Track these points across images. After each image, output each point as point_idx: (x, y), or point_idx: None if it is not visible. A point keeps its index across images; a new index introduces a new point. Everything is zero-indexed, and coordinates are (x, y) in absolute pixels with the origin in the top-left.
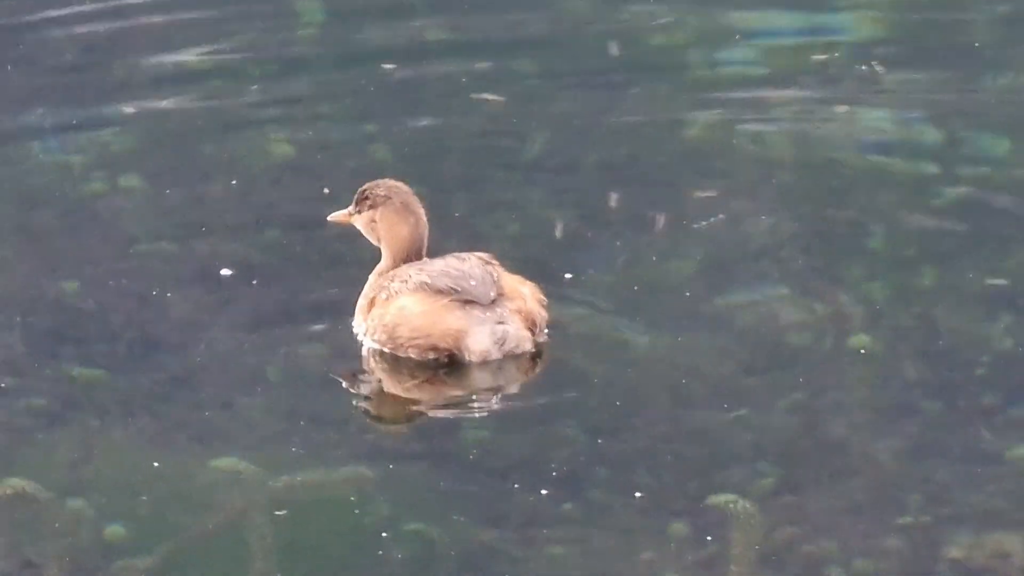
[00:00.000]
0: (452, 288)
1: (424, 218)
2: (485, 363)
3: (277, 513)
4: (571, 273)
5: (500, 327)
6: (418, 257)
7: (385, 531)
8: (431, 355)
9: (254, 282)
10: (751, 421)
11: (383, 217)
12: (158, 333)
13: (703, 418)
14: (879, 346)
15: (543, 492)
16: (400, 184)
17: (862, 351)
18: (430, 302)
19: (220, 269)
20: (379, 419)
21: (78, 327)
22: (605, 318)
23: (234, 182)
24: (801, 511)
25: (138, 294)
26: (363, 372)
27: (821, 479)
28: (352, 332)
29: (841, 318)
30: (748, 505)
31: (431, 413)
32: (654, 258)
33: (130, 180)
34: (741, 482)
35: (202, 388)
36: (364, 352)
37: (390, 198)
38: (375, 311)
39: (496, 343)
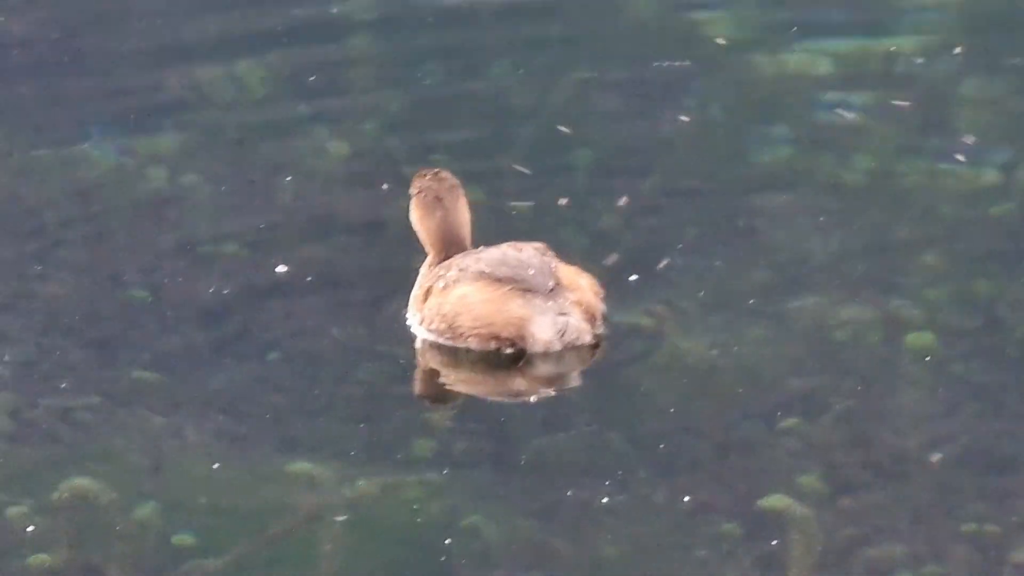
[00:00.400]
0: (511, 277)
1: (460, 212)
2: (545, 355)
3: (340, 518)
4: (636, 275)
5: (562, 318)
6: (460, 249)
7: (448, 535)
8: (492, 344)
9: (308, 279)
10: (810, 425)
11: (413, 209)
12: (217, 333)
13: (760, 421)
14: (939, 350)
15: (604, 500)
16: (444, 175)
17: (927, 358)
18: (491, 290)
19: (276, 267)
20: (438, 418)
21: (138, 328)
22: (666, 321)
23: (288, 179)
24: (860, 515)
25: (197, 293)
26: (420, 368)
27: (881, 483)
28: (406, 324)
29: (901, 323)
30: (805, 508)
31: (489, 411)
32: (718, 263)
33: (187, 180)
34: (798, 484)
35: (258, 389)
36: (419, 345)
37: (421, 192)
38: (432, 300)
39: (558, 333)
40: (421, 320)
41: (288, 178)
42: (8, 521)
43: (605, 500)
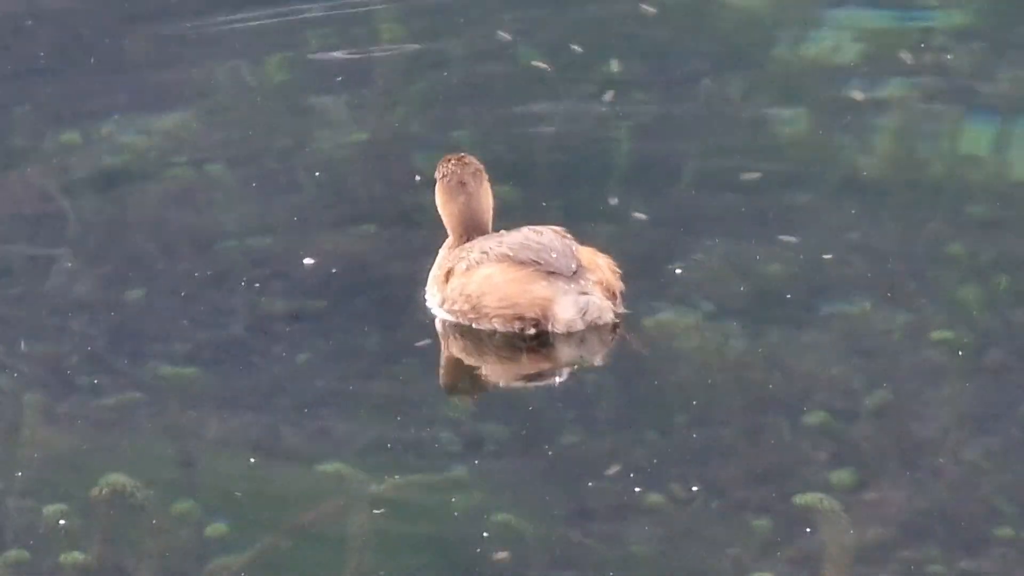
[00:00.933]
0: (534, 260)
1: (483, 197)
2: (568, 336)
3: (369, 514)
4: (681, 268)
5: (583, 298)
6: (481, 233)
7: (479, 531)
8: (516, 325)
9: (334, 271)
10: (840, 421)
11: (437, 193)
12: (244, 328)
13: (790, 415)
14: (969, 347)
15: (636, 490)
16: (468, 160)
17: (960, 352)
18: (515, 271)
19: (303, 259)
20: (466, 410)
21: (167, 323)
22: (692, 313)
23: (317, 174)
24: (889, 512)
25: (225, 287)
26: (446, 357)
27: (910, 481)
28: (425, 304)
29: (931, 320)
30: (835, 504)
31: (517, 401)
32: (758, 257)
33: (212, 170)
34: (827, 482)
35: (286, 382)
36: (441, 329)
37: (445, 176)
38: (455, 280)
39: (580, 312)
40: (442, 301)
41: (317, 173)
42: (43, 518)
43: (636, 494)
